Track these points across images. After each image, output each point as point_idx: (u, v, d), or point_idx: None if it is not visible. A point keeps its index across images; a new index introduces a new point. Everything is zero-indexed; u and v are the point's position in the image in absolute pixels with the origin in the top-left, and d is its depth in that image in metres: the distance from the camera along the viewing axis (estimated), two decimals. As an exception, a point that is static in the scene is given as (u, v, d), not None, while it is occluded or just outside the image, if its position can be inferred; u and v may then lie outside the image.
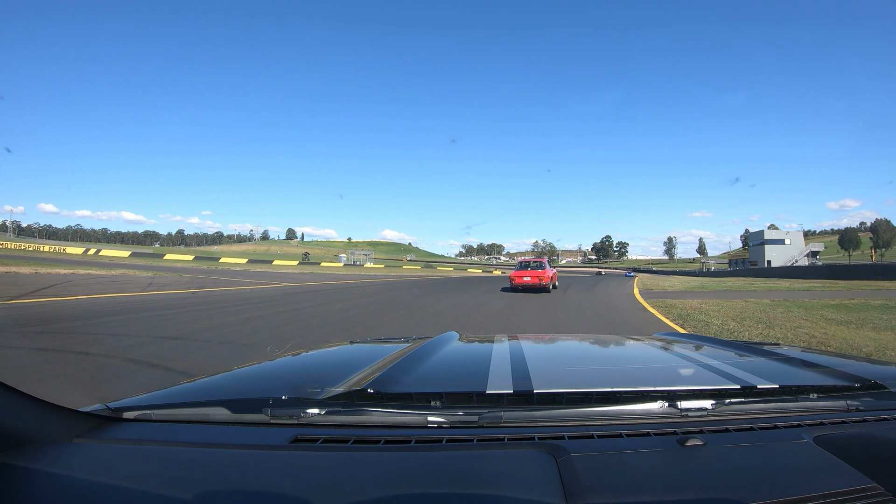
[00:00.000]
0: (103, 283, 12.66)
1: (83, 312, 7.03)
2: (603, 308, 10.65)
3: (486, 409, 0.82)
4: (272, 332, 5.92)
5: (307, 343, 5.18)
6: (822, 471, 0.66)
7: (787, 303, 11.64)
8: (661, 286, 21.26)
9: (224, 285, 14.59)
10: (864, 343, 5.49)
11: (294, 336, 5.62)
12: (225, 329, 5.97)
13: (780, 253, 70.99)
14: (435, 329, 4.78)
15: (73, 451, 0.71)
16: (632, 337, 1.87)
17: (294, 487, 0.61)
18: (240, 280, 18.18)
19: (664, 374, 1.21)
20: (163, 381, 2.49)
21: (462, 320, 7.98)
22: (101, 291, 10.39)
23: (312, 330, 6.28)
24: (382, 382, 0.90)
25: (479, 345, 1.56)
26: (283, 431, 0.78)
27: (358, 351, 1.53)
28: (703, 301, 12.10)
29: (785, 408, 0.89)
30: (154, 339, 5.14)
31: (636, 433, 0.77)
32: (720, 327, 7.03)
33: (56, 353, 4.29)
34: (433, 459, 0.69)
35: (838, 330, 6.65)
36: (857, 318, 8.14)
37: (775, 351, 1.46)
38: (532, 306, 10.39)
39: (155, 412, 0.86)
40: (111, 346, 4.61)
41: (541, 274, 13.42)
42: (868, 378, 0.98)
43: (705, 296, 14.62)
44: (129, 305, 8.23)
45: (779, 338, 5.97)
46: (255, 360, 1.33)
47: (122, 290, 11.10)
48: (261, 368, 1.27)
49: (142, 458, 0.71)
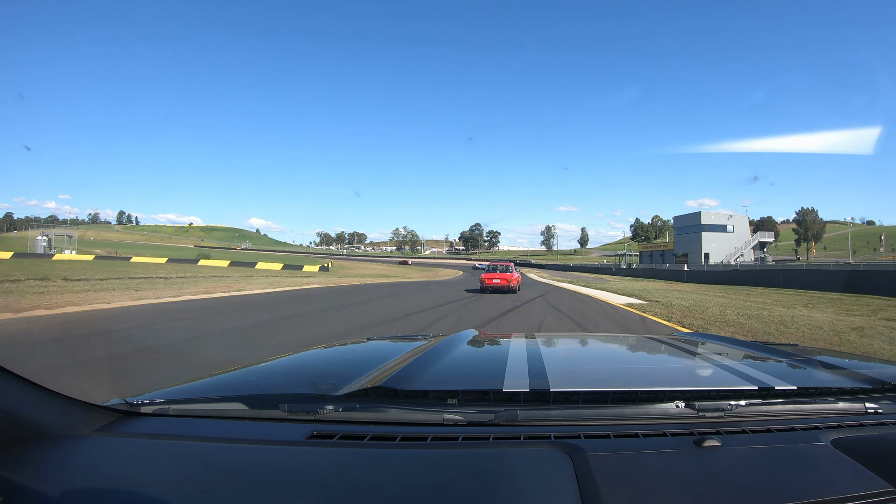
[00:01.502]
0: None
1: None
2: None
3: (503, 408, 0.82)
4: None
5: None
6: (840, 474, 0.66)
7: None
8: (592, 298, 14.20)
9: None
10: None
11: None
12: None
13: (720, 243, 53.82)
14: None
15: (92, 444, 0.72)
16: (648, 336, 1.87)
17: (311, 483, 0.62)
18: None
19: (681, 373, 1.21)
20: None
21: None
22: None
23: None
24: (399, 380, 0.90)
25: (496, 343, 1.57)
26: (300, 427, 0.79)
27: (375, 348, 1.53)
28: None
29: (802, 410, 0.88)
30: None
31: (652, 433, 0.76)
32: None
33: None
34: (449, 457, 0.69)
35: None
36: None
37: (793, 352, 1.44)
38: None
39: (172, 407, 0.87)
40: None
41: (509, 277, 15.00)
42: (888, 381, 0.97)
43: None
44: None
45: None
46: (272, 357, 1.33)
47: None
48: (278, 364, 1.27)
49: (159, 453, 0.72)
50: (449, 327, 7.23)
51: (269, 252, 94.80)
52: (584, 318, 9.07)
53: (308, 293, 14.01)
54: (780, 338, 6.23)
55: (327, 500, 0.58)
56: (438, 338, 1.44)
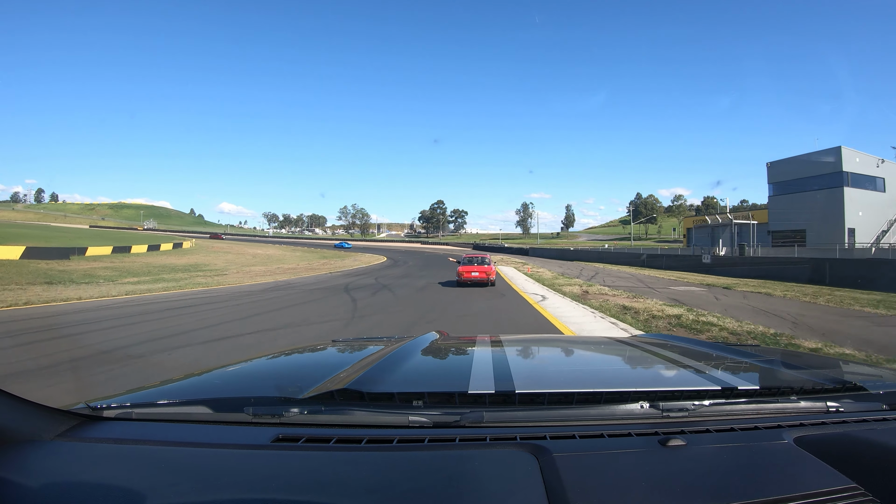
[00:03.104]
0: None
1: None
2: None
3: (469, 409, 0.82)
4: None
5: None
6: (803, 471, 0.67)
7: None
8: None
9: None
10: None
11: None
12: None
13: (868, 210, 28.63)
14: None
15: (54, 449, 0.71)
16: (614, 339, 1.90)
17: (276, 487, 0.61)
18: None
19: (645, 375, 1.22)
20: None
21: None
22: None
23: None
24: (364, 382, 0.89)
25: (461, 345, 1.58)
26: (265, 431, 0.78)
27: (340, 350, 1.53)
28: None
29: (765, 409, 0.90)
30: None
31: (618, 433, 0.77)
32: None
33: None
34: (415, 459, 0.69)
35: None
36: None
37: (756, 353, 1.47)
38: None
39: (135, 411, 0.86)
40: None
41: (487, 269, 14.20)
42: (848, 380, 1.00)
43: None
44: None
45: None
46: (238, 360, 1.32)
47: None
48: (244, 367, 1.26)
49: (122, 458, 0.71)
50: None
51: (168, 233, 78.43)
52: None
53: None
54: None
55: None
56: (404, 340, 1.44)
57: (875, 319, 8.51)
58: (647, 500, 0.59)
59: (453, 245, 76.85)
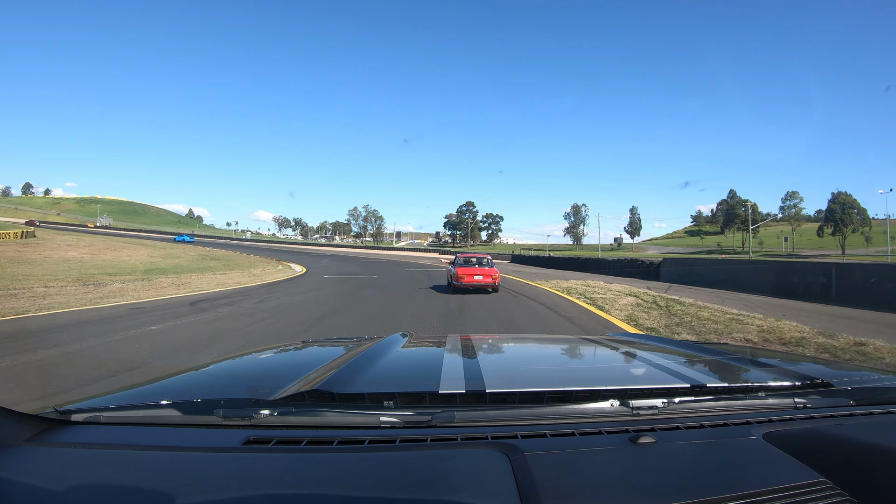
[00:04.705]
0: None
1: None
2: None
3: (440, 409, 0.83)
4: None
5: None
6: (772, 466, 0.69)
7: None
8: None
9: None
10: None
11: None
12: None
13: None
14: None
15: (22, 455, 0.70)
16: (585, 337, 1.92)
17: (246, 490, 0.60)
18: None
19: (616, 373, 1.24)
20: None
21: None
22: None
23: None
24: (335, 383, 0.89)
25: (432, 345, 1.58)
26: (235, 433, 0.77)
27: (310, 351, 1.52)
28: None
29: (734, 406, 0.92)
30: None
31: (588, 431, 0.78)
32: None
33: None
34: (387, 460, 0.69)
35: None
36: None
37: (725, 351, 1.51)
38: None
39: (104, 414, 0.85)
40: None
41: (492, 272, 11.81)
42: (815, 377, 1.02)
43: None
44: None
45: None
46: (208, 361, 1.31)
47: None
48: (215, 369, 1.25)
49: (90, 462, 0.70)
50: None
51: (116, 233, 62.74)
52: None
53: None
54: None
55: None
56: (374, 340, 1.44)
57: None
58: (618, 497, 0.60)
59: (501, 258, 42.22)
